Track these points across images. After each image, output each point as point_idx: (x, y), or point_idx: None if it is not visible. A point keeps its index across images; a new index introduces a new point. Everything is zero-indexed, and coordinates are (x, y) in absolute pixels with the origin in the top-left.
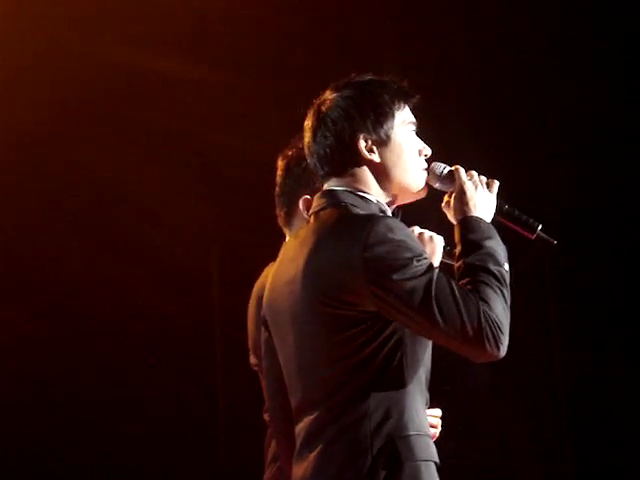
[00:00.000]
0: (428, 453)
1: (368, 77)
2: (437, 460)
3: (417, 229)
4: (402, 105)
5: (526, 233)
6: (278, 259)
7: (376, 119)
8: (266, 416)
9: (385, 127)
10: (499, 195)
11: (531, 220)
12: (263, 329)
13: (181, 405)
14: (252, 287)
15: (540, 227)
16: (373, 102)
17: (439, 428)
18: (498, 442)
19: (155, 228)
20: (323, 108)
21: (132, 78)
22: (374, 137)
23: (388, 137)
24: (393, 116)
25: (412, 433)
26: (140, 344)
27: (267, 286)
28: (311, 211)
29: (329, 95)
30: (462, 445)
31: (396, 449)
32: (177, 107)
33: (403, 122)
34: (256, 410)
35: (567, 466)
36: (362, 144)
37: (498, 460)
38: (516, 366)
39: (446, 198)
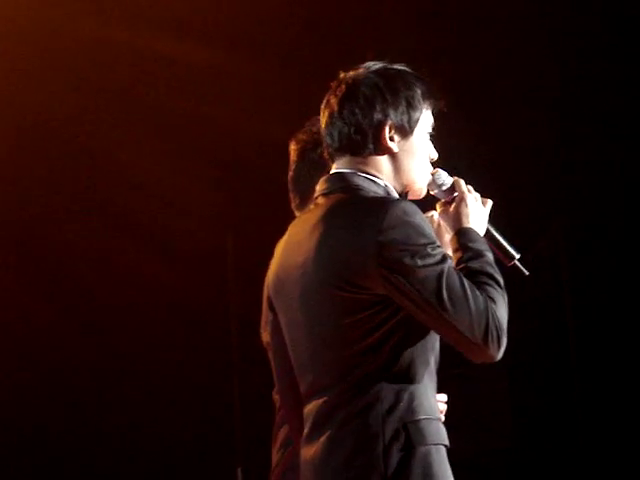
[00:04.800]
0: (439, 437)
1: (400, 66)
2: (447, 443)
3: (435, 213)
4: (429, 105)
5: (503, 258)
6: (284, 241)
7: (407, 109)
8: (276, 397)
9: (412, 119)
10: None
11: (510, 249)
12: (269, 310)
13: (197, 388)
14: (266, 271)
15: (518, 257)
16: (408, 92)
17: (444, 412)
18: (511, 425)
19: (170, 213)
20: (357, 83)
21: (147, 64)
22: (398, 126)
23: (411, 130)
24: (421, 111)
25: (422, 417)
26: (156, 328)
27: (273, 269)
28: (317, 193)
29: (363, 73)
30: (473, 429)
31: (407, 433)
32: (193, 93)
33: (426, 122)
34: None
35: (578, 450)
36: (387, 130)
37: (510, 443)
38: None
39: (441, 206)
